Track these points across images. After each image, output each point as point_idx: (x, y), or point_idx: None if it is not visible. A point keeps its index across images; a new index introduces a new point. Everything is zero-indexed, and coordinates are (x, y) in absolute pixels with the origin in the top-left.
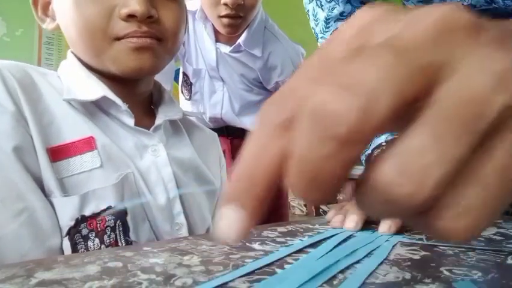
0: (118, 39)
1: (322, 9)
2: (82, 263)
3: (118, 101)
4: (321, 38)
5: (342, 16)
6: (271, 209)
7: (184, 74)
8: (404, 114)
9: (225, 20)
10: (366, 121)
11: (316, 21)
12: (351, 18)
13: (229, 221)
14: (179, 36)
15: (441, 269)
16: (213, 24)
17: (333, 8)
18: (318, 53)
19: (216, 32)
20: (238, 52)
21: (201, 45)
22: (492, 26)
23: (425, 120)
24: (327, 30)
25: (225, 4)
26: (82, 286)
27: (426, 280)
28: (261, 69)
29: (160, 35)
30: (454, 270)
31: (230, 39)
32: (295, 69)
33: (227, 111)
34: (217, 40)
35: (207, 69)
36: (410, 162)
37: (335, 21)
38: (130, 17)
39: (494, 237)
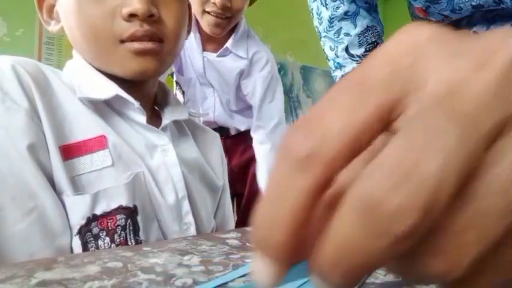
0: (122, 41)
1: (326, 8)
2: (82, 263)
3: (131, 99)
4: (324, 36)
5: (347, 15)
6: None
7: (177, 82)
8: None
9: (211, 19)
10: (428, 218)
11: (320, 20)
12: (396, 36)
13: (259, 269)
14: (181, 36)
15: None
16: (200, 34)
17: (337, 7)
18: (356, 73)
19: (203, 42)
20: (225, 56)
21: (190, 55)
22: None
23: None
24: (330, 29)
25: (214, 3)
26: (82, 286)
27: None
28: (244, 67)
29: (161, 35)
30: None
31: (215, 48)
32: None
33: (219, 114)
34: (204, 49)
35: (197, 76)
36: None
37: (339, 21)
38: (132, 16)
39: None
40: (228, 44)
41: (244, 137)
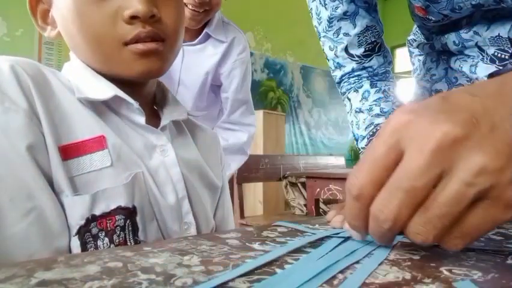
0: (126, 44)
1: (325, 8)
2: (82, 263)
3: (130, 99)
4: (323, 36)
5: (346, 15)
6: None
7: None
8: None
9: (188, 12)
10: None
11: (319, 19)
12: (388, 121)
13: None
14: (180, 34)
15: (441, 269)
16: None
17: (336, 7)
18: (386, 156)
19: None
20: (205, 42)
21: None
22: (485, 111)
23: (425, 212)
24: (330, 29)
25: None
26: (82, 286)
27: (426, 280)
28: (223, 51)
29: (163, 35)
30: (453, 270)
31: (190, 38)
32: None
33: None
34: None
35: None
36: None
37: (338, 21)
38: (134, 18)
39: (494, 237)
40: (208, 29)
41: None
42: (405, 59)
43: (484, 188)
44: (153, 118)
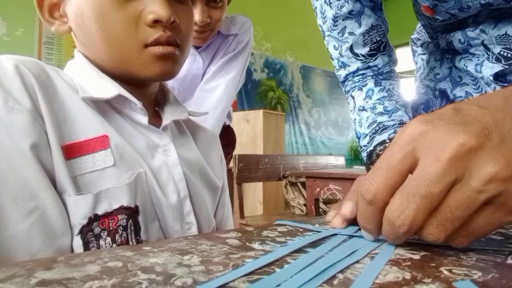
0: (146, 46)
1: (330, 6)
2: (82, 263)
3: (133, 99)
4: (328, 35)
5: (351, 14)
6: None
7: None
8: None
9: (194, 33)
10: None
11: (324, 18)
12: (403, 130)
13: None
14: (191, 41)
15: (441, 269)
16: None
17: (342, 6)
18: (381, 161)
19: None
20: (225, 41)
21: None
22: (496, 123)
23: (437, 215)
24: (334, 28)
25: (194, 22)
26: (82, 286)
27: (426, 280)
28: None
29: (179, 41)
30: (453, 270)
31: (198, 44)
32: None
33: None
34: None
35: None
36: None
37: (343, 20)
38: (156, 22)
39: (494, 237)
40: (221, 29)
41: None
42: (404, 59)
43: (492, 195)
44: (155, 118)
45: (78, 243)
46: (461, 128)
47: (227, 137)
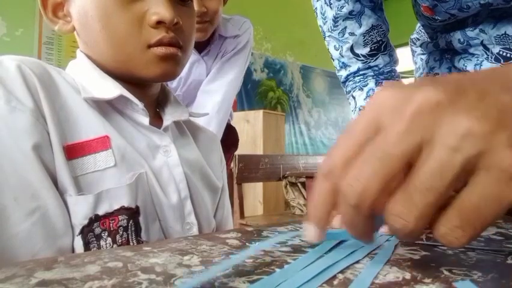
0: (149, 46)
1: (330, 7)
2: (82, 263)
3: (135, 99)
4: (328, 36)
5: (352, 15)
6: None
7: None
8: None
9: None
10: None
11: (325, 19)
12: (372, 98)
13: (310, 231)
14: (193, 43)
15: (441, 269)
16: None
17: (342, 7)
18: (366, 128)
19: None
20: (223, 43)
21: None
22: (474, 83)
23: (406, 187)
24: (335, 28)
25: None
26: (82, 286)
27: (426, 280)
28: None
29: (181, 42)
30: (453, 270)
31: (198, 48)
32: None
33: None
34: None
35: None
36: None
37: (343, 20)
38: (159, 23)
39: (494, 237)
40: (221, 32)
41: None
42: (404, 59)
43: (472, 154)
44: (156, 119)
45: (79, 244)
46: (432, 86)
47: (231, 136)
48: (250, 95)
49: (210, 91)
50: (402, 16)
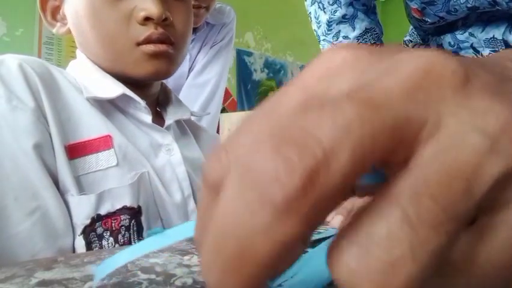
0: (138, 44)
1: (324, 11)
2: (81, 263)
3: (137, 98)
4: (323, 40)
5: (345, 19)
6: None
7: None
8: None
9: None
10: (310, 188)
11: (319, 23)
12: (315, 61)
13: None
14: (188, 38)
15: None
16: None
17: (335, 11)
18: (267, 103)
19: None
20: (210, 30)
21: None
22: (485, 71)
23: (395, 197)
24: (329, 32)
25: None
26: (82, 286)
27: None
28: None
29: (173, 38)
30: None
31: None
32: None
33: None
34: None
35: None
36: (372, 257)
37: (337, 24)
38: (147, 19)
39: None
40: (208, 19)
41: None
42: None
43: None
44: (157, 118)
45: (80, 243)
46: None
47: None
48: (250, 95)
49: (200, 84)
50: (403, 16)
